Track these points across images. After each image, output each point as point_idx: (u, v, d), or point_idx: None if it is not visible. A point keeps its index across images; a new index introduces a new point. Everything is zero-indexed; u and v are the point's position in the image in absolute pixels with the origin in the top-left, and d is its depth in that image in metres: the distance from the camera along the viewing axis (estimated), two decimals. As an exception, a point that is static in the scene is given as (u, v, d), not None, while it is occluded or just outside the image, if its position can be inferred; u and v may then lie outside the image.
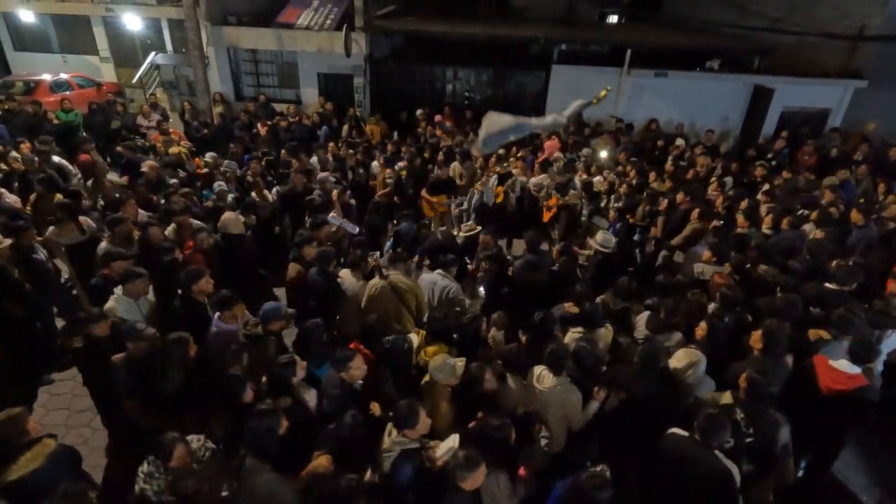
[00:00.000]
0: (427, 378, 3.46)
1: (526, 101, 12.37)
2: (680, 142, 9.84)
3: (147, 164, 6.82)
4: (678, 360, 3.58)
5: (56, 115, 9.52)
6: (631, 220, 6.84)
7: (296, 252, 4.89)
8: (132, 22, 13.30)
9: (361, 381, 3.38)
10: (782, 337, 3.55)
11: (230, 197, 6.29)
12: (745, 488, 2.95)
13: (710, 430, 2.80)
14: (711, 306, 4.26)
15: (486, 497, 2.69)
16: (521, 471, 2.92)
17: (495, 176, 7.61)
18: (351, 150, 8.53)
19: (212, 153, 7.70)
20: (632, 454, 3.44)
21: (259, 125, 10.07)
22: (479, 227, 5.94)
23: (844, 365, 3.46)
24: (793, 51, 11.62)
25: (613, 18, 17.48)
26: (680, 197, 6.60)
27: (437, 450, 2.85)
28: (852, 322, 3.81)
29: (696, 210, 6.17)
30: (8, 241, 4.56)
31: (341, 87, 12.52)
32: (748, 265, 4.97)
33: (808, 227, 5.85)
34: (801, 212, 6.23)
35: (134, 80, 13.49)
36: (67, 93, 11.73)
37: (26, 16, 13.83)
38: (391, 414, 2.94)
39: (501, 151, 8.25)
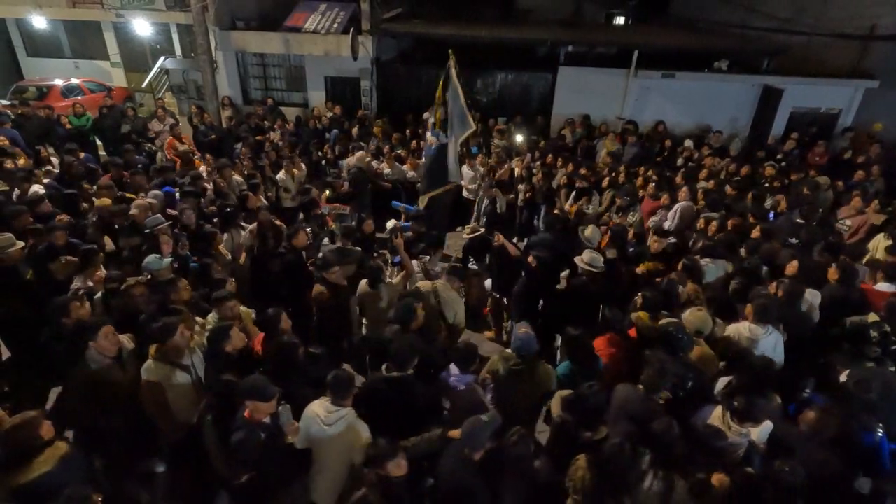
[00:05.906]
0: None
1: (532, 103, 12.36)
2: (688, 143, 9.78)
3: (99, 202, 5.73)
4: None
5: (69, 120, 9.64)
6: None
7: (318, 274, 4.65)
8: (142, 27, 13.43)
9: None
10: (853, 270, 4.56)
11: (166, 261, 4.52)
12: None
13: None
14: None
15: None
16: None
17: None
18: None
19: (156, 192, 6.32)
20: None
21: (271, 134, 10.08)
22: (483, 230, 5.94)
23: (885, 286, 4.64)
24: (802, 51, 11.52)
25: (620, 20, 17.45)
26: (584, 171, 7.56)
27: (754, 434, 2.98)
28: None
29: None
30: (21, 244, 4.61)
31: (348, 90, 12.55)
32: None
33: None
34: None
35: (144, 85, 13.65)
36: (79, 97, 11.87)
37: (39, 22, 13.97)
38: (735, 405, 2.97)
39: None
